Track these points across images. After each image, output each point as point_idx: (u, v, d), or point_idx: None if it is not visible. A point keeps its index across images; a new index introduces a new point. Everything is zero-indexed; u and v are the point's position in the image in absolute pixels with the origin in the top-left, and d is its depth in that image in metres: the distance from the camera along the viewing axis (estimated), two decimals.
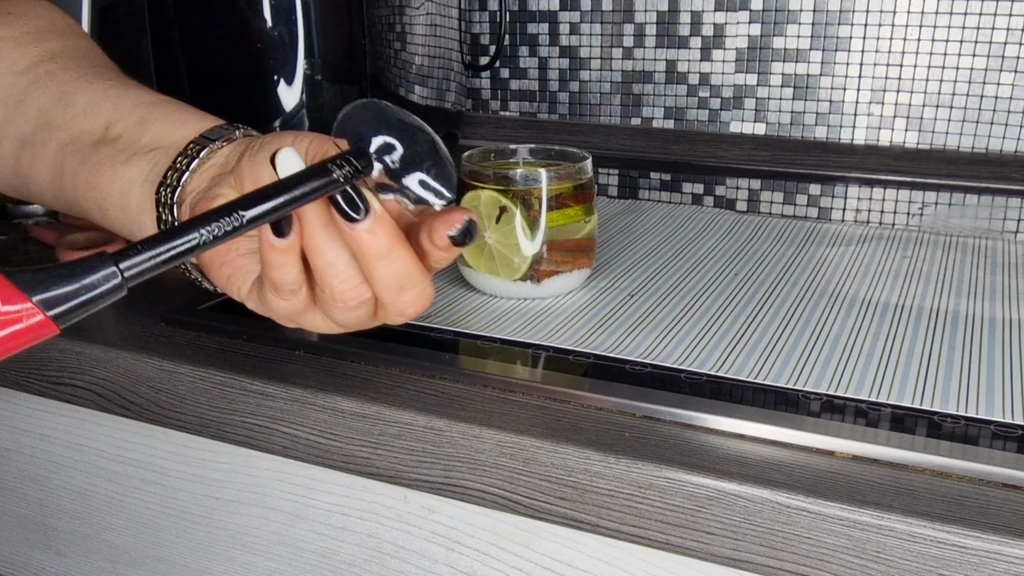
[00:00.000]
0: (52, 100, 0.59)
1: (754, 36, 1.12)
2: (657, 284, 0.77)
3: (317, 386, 0.61)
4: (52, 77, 0.60)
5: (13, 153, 0.61)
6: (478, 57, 1.28)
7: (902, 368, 0.62)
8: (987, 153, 1.06)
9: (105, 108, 0.57)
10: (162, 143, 0.55)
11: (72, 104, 0.58)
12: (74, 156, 0.58)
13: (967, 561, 0.46)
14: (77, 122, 0.58)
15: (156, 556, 0.77)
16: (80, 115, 0.58)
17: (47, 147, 0.59)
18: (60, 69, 0.60)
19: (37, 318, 0.37)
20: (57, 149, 0.59)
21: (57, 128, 0.58)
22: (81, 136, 0.58)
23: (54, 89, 0.59)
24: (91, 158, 0.57)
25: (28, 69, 0.61)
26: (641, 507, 0.53)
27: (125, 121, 0.57)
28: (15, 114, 0.60)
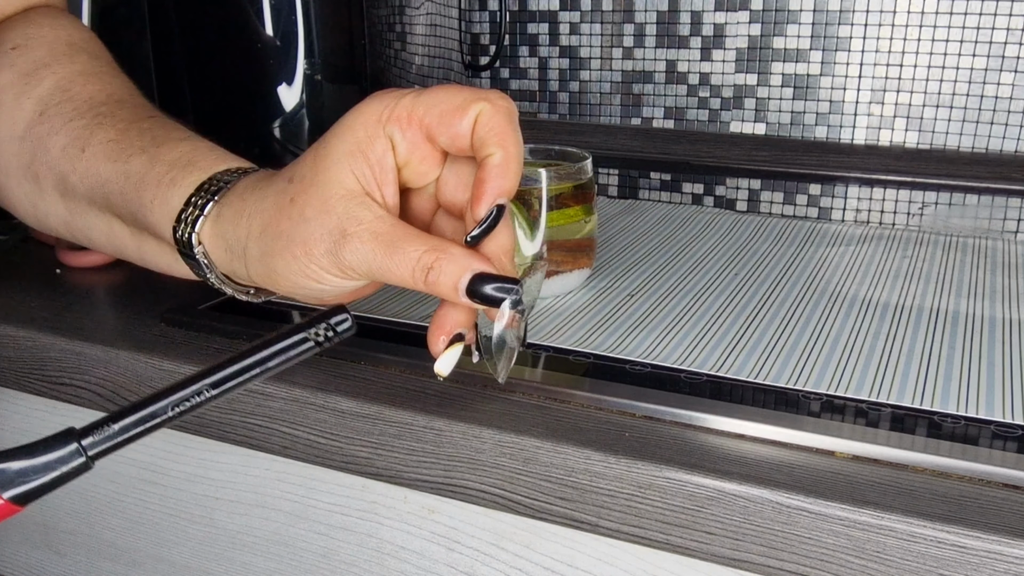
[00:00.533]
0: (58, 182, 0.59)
1: (754, 36, 1.12)
2: (657, 284, 0.77)
3: (317, 386, 0.61)
4: (45, 150, 0.59)
5: (64, 230, 0.62)
6: (478, 57, 1.28)
7: (902, 368, 0.62)
8: (987, 153, 1.06)
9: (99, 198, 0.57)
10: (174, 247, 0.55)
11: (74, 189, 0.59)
12: (126, 250, 0.60)
13: (967, 561, 0.46)
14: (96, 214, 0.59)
15: (156, 556, 0.77)
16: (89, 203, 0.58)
17: (92, 234, 0.61)
18: (48, 134, 0.59)
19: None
20: (104, 240, 0.60)
21: (85, 215, 0.59)
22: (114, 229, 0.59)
23: (51, 165, 0.59)
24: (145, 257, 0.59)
25: (25, 134, 0.60)
26: (641, 507, 0.53)
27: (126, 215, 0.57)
28: (39, 190, 0.60)
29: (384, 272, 0.47)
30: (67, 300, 0.77)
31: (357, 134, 0.48)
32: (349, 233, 0.47)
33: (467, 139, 0.48)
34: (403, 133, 0.48)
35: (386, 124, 0.48)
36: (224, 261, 0.53)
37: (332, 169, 0.48)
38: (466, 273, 0.47)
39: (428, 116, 0.48)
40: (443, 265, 0.47)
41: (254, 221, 0.50)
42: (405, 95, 0.49)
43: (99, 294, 0.79)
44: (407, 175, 0.50)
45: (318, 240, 0.48)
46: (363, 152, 0.48)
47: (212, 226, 0.52)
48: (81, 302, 0.76)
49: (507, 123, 0.48)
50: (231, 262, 0.52)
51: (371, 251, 0.47)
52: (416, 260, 0.47)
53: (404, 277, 0.47)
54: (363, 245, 0.47)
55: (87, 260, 0.83)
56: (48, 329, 0.71)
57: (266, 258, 0.50)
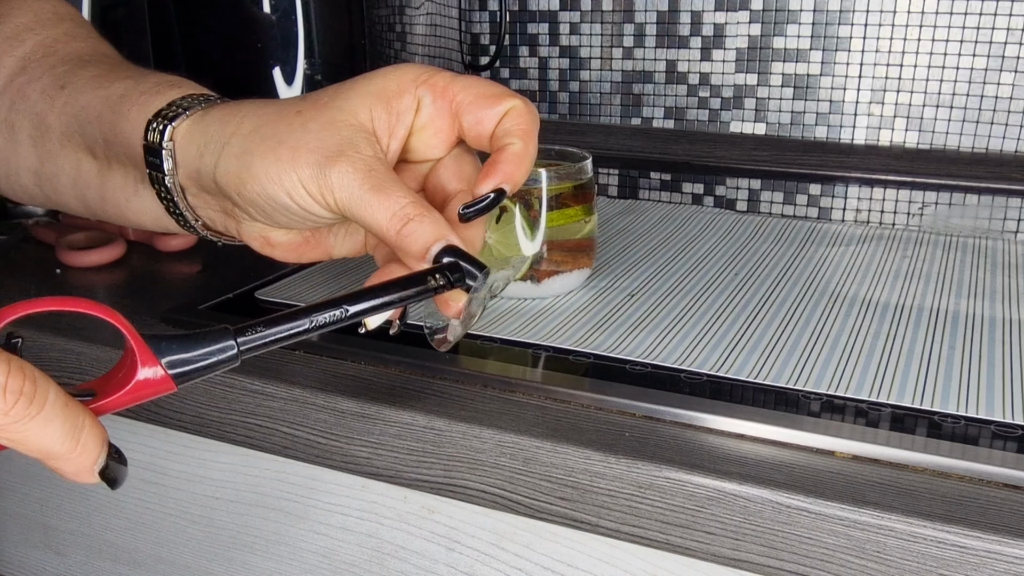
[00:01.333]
0: (32, 126, 0.58)
1: (754, 36, 1.12)
2: (657, 284, 0.77)
3: (317, 386, 0.61)
4: (24, 97, 0.58)
5: (35, 184, 0.61)
6: (478, 57, 1.28)
7: (902, 368, 0.62)
8: (987, 153, 1.05)
9: (75, 131, 0.56)
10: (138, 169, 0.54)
11: (49, 129, 0.57)
12: (89, 191, 0.58)
13: (967, 561, 0.46)
14: (66, 151, 0.57)
15: (156, 556, 0.77)
16: (63, 141, 0.57)
17: (59, 180, 0.59)
18: (27, 83, 0.59)
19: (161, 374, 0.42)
20: (70, 183, 0.59)
21: (55, 157, 0.58)
22: (81, 167, 0.58)
23: (28, 111, 0.58)
24: (106, 194, 0.57)
25: (5, 87, 0.59)
26: (641, 507, 0.53)
27: (97, 145, 0.56)
28: (14, 143, 0.59)
29: (362, 208, 0.46)
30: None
31: (388, 83, 0.49)
32: (345, 155, 0.46)
33: (491, 126, 0.49)
34: (432, 100, 0.49)
35: (420, 85, 0.49)
36: (191, 159, 0.50)
37: (351, 101, 0.48)
38: (441, 240, 0.46)
39: (463, 94, 0.49)
40: (424, 223, 0.46)
41: (247, 121, 0.49)
42: (444, 71, 0.50)
43: (99, 294, 0.79)
44: (414, 143, 0.50)
45: (311, 150, 0.47)
46: (388, 99, 0.49)
47: (193, 124, 0.51)
48: None
49: (533, 124, 0.49)
50: (200, 158, 0.50)
51: (359, 182, 0.46)
52: (400, 207, 0.46)
53: (380, 220, 0.46)
54: (354, 172, 0.46)
55: (87, 260, 0.83)
56: (48, 329, 0.71)
57: (246, 155, 0.48)
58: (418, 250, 0.46)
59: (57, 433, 0.39)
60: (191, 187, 0.52)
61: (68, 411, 0.39)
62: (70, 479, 0.41)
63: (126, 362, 0.42)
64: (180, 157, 0.51)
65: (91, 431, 0.40)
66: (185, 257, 0.86)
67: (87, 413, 0.40)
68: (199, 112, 0.51)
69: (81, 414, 0.40)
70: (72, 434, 0.40)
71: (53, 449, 0.40)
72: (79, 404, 0.40)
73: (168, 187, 0.52)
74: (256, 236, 0.52)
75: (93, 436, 0.40)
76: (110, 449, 0.42)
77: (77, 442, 0.40)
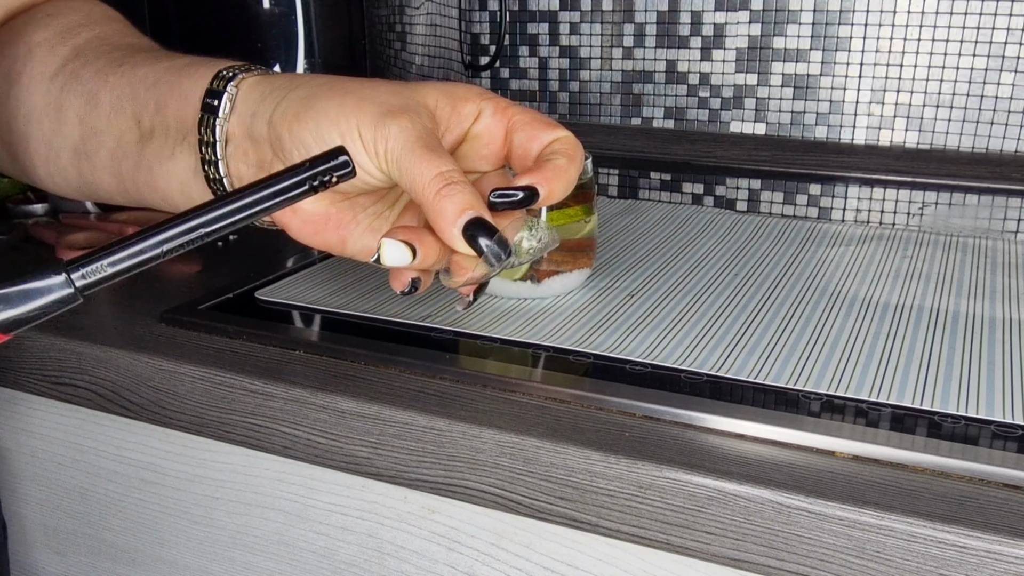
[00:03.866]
0: (83, 103, 0.59)
1: (754, 36, 1.12)
2: (657, 284, 0.77)
3: (317, 386, 0.61)
4: (77, 78, 0.60)
5: (73, 164, 0.62)
6: (478, 57, 1.28)
7: (902, 368, 0.62)
8: (987, 153, 1.05)
9: (126, 101, 0.57)
10: (185, 125, 0.55)
11: (99, 104, 0.59)
12: (125, 161, 0.59)
13: (967, 561, 0.46)
14: (112, 123, 0.58)
15: (156, 556, 0.77)
16: (111, 114, 0.58)
17: (99, 155, 0.60)
18: (82, 66, 0.60)
19: None
20: (108, 156, 0.59)
21: (99, 133, 0.59)
22: (123, 138, 0.58)
23: (80, 90, 0.59)
24: (141, 161, 0.58)
25: (58, 72, 0.61)
26: (641, 507, 0.53)
27: (146, 111, 0.57)
28: (59, 123, 0.60)
29: (411, 163, 0.47)
30: None
31: (458, 88, 0.52)
32: (408, 113, 0.48)
33: (539, 148, 0.51)
34: (492, 113, 0.52)
35: (484, 99, 0.52)
36: (251, 103, 0.52)
37: (420, 89, 0.51)
38: (474, 211, 0.47)
39: (520, 116, 0.52)
40: (463, 190, 0.47)
41: (317, 78, 0.51)
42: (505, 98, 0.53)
43: (99, 294, 0.79)
44: (467, 149, 0.53)
45: (378, 103, 0.49)
46: (454, 99, 0.51)
47: (261, 78, 0.53)
48: (81, 302, 0.76)
49: (579, 155, 0.51)
50: (260, 102, 0.52)
51: (415, 139, 0.47)
52: (444, 171, 0.47)
53: (424, 177, 0.47)
54: (412, 130, 0.48)
55: None
56: (48, 329, 0.71)
57: (310, 97, 0.50)
58: (453, 212, 0.47)
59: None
60: (238, 135, 0.53)
61: None
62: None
63: None
64: (240, 103, 0.52)
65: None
66: (185, 257, 0.86)
67: None
68: (269, 74, 0.54)
69: None
70: None
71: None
72: None
73: (215, 130, 0.53)
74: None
75: None
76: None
77: None
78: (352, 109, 0.48)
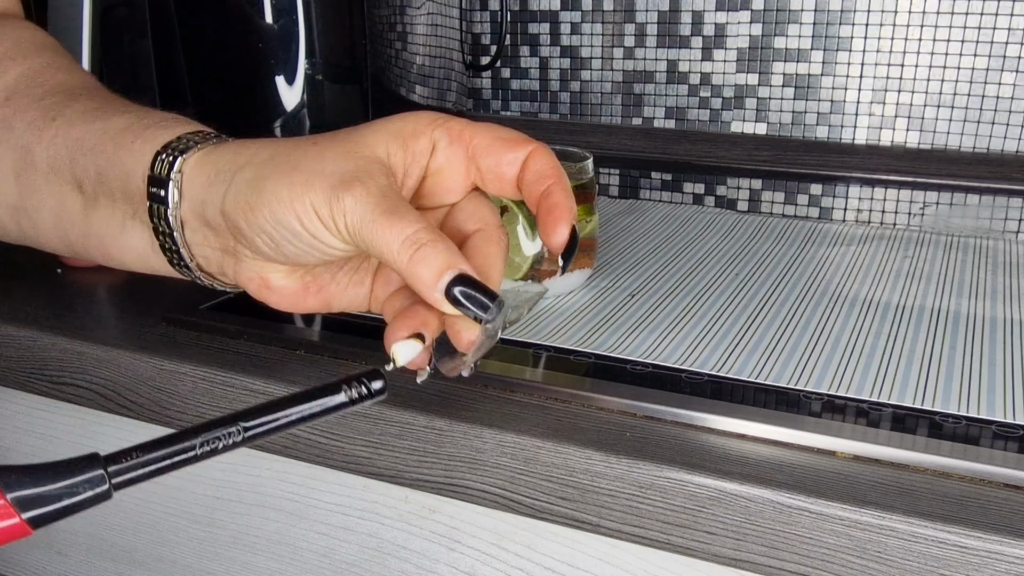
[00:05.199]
0: (17, 158, 0.57)
1: (755, 36, 1.12)
2: (658, 284, 0.77)
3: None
4: (9, 129, 0.57)
5: (12, 219, 0.59)
6: (479, 57, 1.28)
7: (903, 368, 0.62)
8: (988, 153, 1.05)
9: (64, 164, 0.55)
10: (132, 201, 0.52)
11: (35, 162, 0.56)
12: (73, 229, 0.56)
13: (968, 561, 0.46)
14: (51, 184, 0.56)
15: (157, 556, 0.77)
16: (49, 174, 0.55)
17: (40, 214, 0.57)
18: (13, 114, 0.57)
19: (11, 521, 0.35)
20: (52, 218, 0.57)
21: (38, 191, 0.56)
22: (65, 201, 0.56)
23: (13, 143, 0.56)
24: (90, 230, 0.56)
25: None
26: (642, 507, 0.53)
27: (87, 178, 0.54)
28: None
29: (374, 234, 0.45)
30: (68, 300, 0.76)
31: (406, 124, 0.48)
32: (360, 180, 0.45)
33: (513, 171, 0.49)
34: (448, 142, 0.49)
35: (436, 128, 0.49)
36: (199, 189, 0.49)
37: (369, 138, 0.48)
38: (454, 268, 0.45)
39: (478, 138, 0.49)
40: (437, 249, 0.45)
41: (262, 151, 0.48)
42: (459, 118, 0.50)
43: (100, 294, 0.79)
44: (430, 186, 0.50)
45: (326, 175, 0.46)
46: (405, 139, 0.48)
47: (204, 155, 0.49)
48: (82, 302, 0.76)
49: (557, 164, 0.49)
50: (208, 187, 0.49)
51: (372, 207, 0.45)
52: (412, 232, 0.45)
53: (392, 245, 0.45)
54: (368, 198, 0.45)
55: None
56: (49, 329, 0.71)
57: (257, 180, 0.46)
58: (430, 277, 0.45)
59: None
60: (192, 221, 0.51)
61: None
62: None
63: None
64: (187, 188, 0.50)
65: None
66: None
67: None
68: (211, 146, 0.50)
69: None
70: None
71: None
72: None
73: (169, 220, 0.50)
74: (254, 277, 0.50)
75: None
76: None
77: None
78: (302, 188, 0.45)
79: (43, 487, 0.36)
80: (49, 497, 0.36)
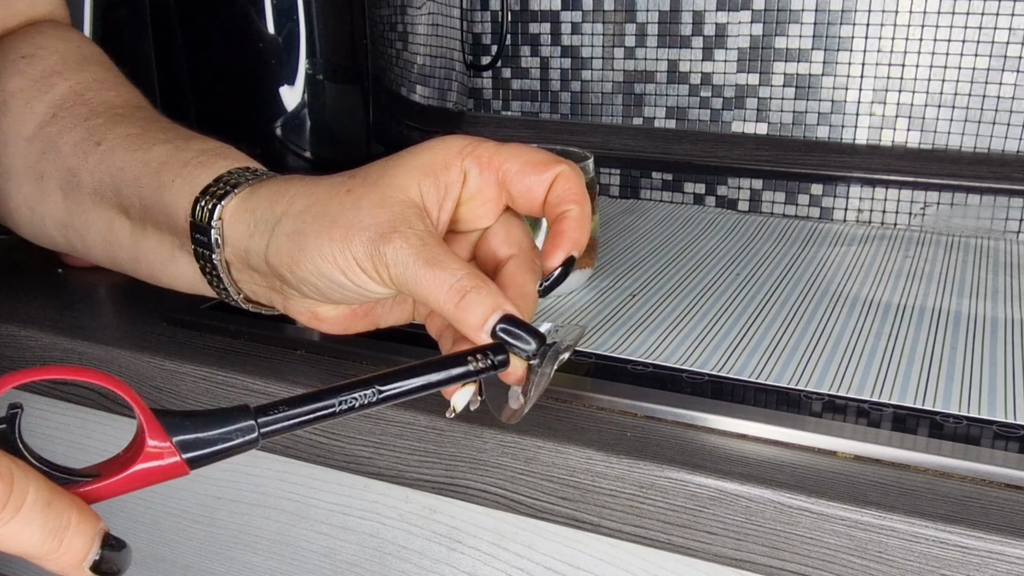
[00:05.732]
0: (64, 177, 0.58)
1: (756, 36, 1.12)
2: (659, 284, 0.77)
3: (319, 386, 0.61)
4: (56, 149, 0.58)
5: (61, 234, 0.61)
6: (480, 57, 1.27)
7: (904, 368, 0.62)
8: (989, 153, 1.05)
9: (108, 190, 0.56)
10: (178, 236, 0.54)
11: (81, 184, 0.57)
12: (121, 251, 0.58)
13: (969, 561, 0.46)
14: (98, 207, 0.57)
15: (157, 556, 0.77)
16: (95, 196, 0.57)
17: (89, 234, 0.59)
18: (59, 133, 0.59)
19: (173, 459, 0.39)
20: (100, 240, 0.59)
21: (86, 211, 0.58)
22: (113, 224, 0.57)
23: (60, 163, 0.58)
24: (139, 255, 0.57)
25: (35, 135, 0.59)
26: (643, 507, 0.53)
27: (133, 207, 0.56)
28: (41, 192, 0.59)
29: (417, 282, 0.46)
30: (69, 300, 0.76)
31: (436, 156, 0.49)
32: (399, 231, 0.46)
33: (541, 194, 0.49)
34: (479, 171, 0.49)
35: (465, 158, 0.49)
36: (240, 238, 0.51)
37: (400, 177, 0.48)
38: (499, 311, 0.46)
39: (508, 163, 0.49)
40: (481, 294, 0.46)
41: (298, 201, 0.49)
42: (487, 140, 0.50)
43: (101, 293, 0.79)
44: (463, 213, 0.51)
45: (364, 228, 0.46)
46: (435, 173, 0.49)
47: (241, 201, 0.51)
48: (83, 302, 0.76)
49: (583, 186, 0.50)
50: (249, 238, 0.50)
51: (413, 257, 0.46)
52: (456, 280, 0.46)
53: (437, 294, 0.46)
54: (408, 248, 0.46)
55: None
56: (50, 329, 0.71)
57: (298, 235, 0.48)
58: (476, 322, 0.46)
59: (36, 536, 0.36)
60: (237, 263, 0.52)
61: (50, 511, 0.36)
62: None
63: (135, 442, 0.40)
64: (228, 235, 0.51)
65: (78, 528, 0.37)
66: None
67: (75, 507, 0.37)
68: (247, 189, 0.51)
69: (67, 510, 0.37)
70: (54, 535, 0.36)
71: (32, 552, 0.37)
72: (66, 498, 0.37)
73: (215, 263, 0.52)
74: (303, 311, 0.52)
75: (80, 534, 0.37)
76: (108, 540, 0.38)
77: (60, 542, 0.37)
78: (342, 244, 0.47)
79: (201, 432, 0.39)
80: (206, 441, 0.39)
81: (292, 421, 0.41)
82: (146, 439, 0.38)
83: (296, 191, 0.50)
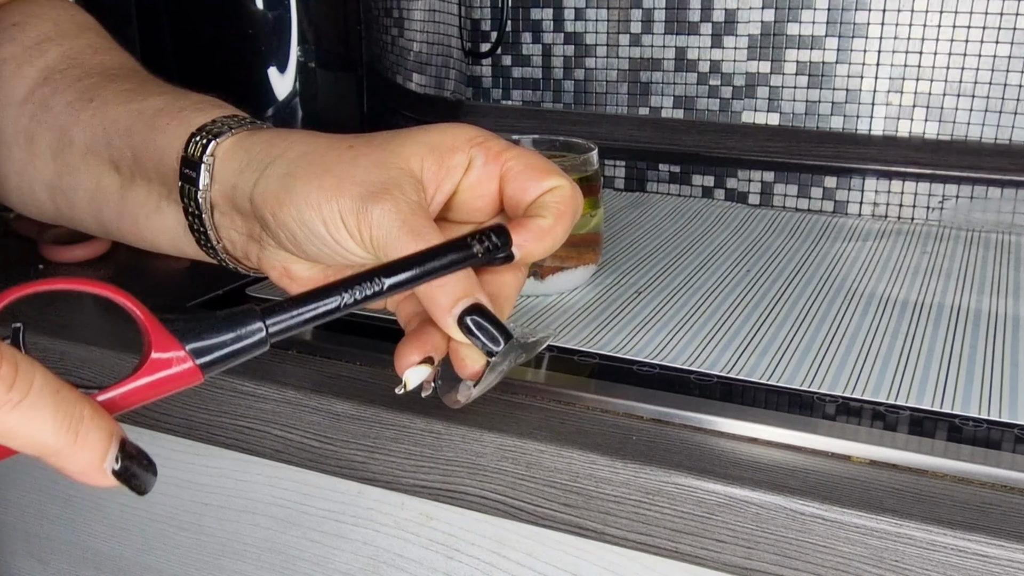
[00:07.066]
0: (55, 138, 0.59)
1: (767, 22, 1.12)
2: (666, 281, 0.76)
3: (311, 387, 0.61)
4: (47, 109, 0.59)
5: (49, 198, 0.62)
6: (479, 44, 1.28)
7: (921, 369, 0.62)
8: (1010, 144, 1.06)
9: (100, 145, 0.57)
10: (167, 182, 0.55)
11: (72, 142, 0.58)
12: (107, 206, 0.59)
13: (989, 571, 0.46)
14: (88, 164, 0.58)
15: (143, 564, 0.77)
16: (86, 154, 0.58)
17: (76, 194, 0.60)
18: (51, 94, 0.60)
19: (186, 365, 0.40)
20: (88, 198, 0.59)
21: (75, 171, 0.59)
22: (102, 181, 0.58)
23: (51, 123, 0.59)
24: (125, 210, 0.58)
25: (27, 98, 0.61)
26: (649, 514, 0.52)
27: (124, 160, 0.56)
28: (31, 155, 0.60)
29: (397, 252, 0.46)
30: (50, 297, 0.76)
31: (445, 138, 0.50)
32: (391, 194, 0.47)
33: (532, 197, 0.50)
34: (484, 161, 0.50)
35: (474, 146, 0.50)
36: (230, 174, 0.51)
37: (405, 147, 0.49)
38: (470, 298, 0.47)
39: (513, 162, 0.50)
40: (457, 276, 0.47)
41: (295, 147, 0.50)
42: (500, 137, 0.51)
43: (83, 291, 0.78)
44: (459, 201, 0.51)
45: (357, 183, 0.47)
46: (440, 153, 0.49)
47: (238, 141, 0.52)
48: (64, 299, 0.76)
49: (572, 209, 0.50)
50: (239, 174, 0.51)
51: (399, 223, 0.46)
52: None
53: None
54: (396, 213, 0.46)
55: (71, 255, 0.83)
56: (30, 327, 0.69)
57: (288, 177, 0.48)
58: (446, 302, 0.47)
59: (48, 423, 0.36)
60: (222, 204, 0.53)
61: (60, 398, 0.36)
62: (78, 481, 0.38)
63: (144, 353, 0.40)
64: (218, 172, 0.52)
65: (93, 421, 0.37)
66: None
67: (87, 403, 0.37)
68: (245, 132, 0.52)
69: (78, 402, 0.37)
70: (67, 424, 0.36)
71: (47, 442, 0.36)
72: (76, 392, 0.37)
73: (199, 202, 0.53)
74: (276, 265, 0.53)
75: (96, 428, 0.37)
76: (129, 449, 0.38)
77: (75, 434, 0.37)
78: (332, 193, 0.47)
79: (212, 338, 0.40)
80: (217, 345, 0.40)
81: (299, 319, 0.42)
82: (151, 348, 0.39)
83: (296, 138, 0.51)
